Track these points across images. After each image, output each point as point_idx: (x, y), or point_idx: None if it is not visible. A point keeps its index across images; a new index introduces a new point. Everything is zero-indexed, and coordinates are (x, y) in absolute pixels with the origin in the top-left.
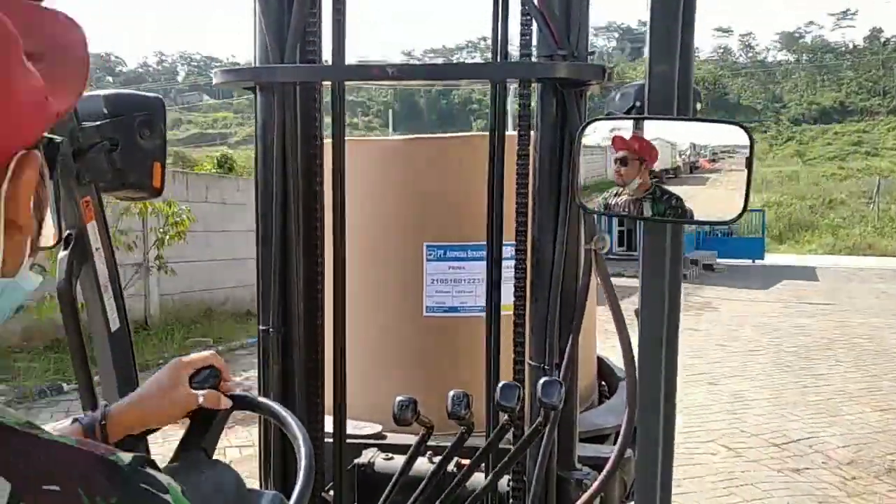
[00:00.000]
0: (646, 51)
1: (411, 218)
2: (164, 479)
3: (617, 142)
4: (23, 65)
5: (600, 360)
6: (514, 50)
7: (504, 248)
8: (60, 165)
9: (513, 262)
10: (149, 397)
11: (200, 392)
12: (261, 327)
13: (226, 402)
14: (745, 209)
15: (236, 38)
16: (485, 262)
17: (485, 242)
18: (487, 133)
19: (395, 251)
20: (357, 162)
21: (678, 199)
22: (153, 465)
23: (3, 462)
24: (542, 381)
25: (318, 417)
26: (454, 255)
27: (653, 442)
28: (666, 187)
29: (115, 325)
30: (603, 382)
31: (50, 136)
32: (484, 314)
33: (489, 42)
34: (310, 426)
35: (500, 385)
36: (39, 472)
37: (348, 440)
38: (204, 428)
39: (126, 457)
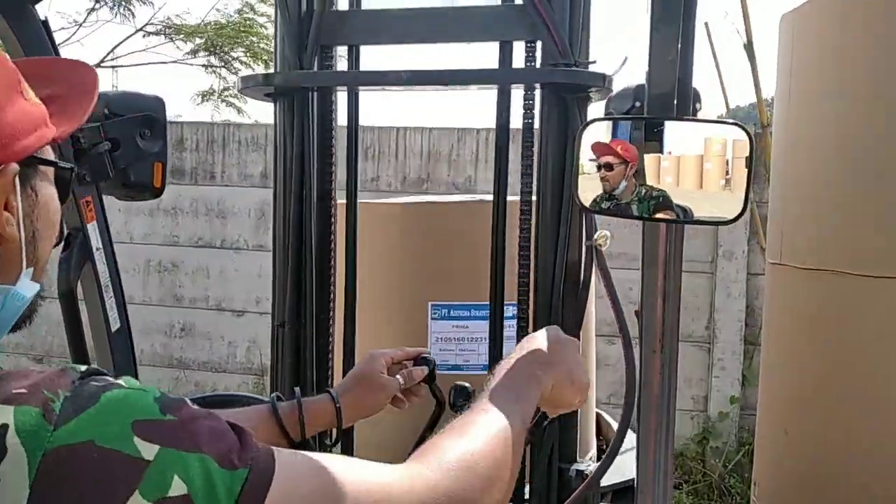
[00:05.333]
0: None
1: (417, 277)
2: (116, 379)
3: (598, 148)
4: (17, 92)
5: (598, 416)
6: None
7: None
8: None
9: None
10: (357, 388)
11: (398, 375)
12: (276, 323)
13: (418, 374)
14: (744, 209)
15: None
16: (488, 322)
17: (487, 303)
18: (490, 198)
19: (400, 309)
20: (362, 223)
21: (664, 194)
22: (104, 374)
23: None
24: None
25: None
26: (458, 314)
27: (653, 441)
28: (650, 185)
29: (115, 324)
30: (600, 437)
31: (62, 163)
32: (485, 372)
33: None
34: None
35: None
36: (10, 384)
37: None
38: None
39: (81, 367)
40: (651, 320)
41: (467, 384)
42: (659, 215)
